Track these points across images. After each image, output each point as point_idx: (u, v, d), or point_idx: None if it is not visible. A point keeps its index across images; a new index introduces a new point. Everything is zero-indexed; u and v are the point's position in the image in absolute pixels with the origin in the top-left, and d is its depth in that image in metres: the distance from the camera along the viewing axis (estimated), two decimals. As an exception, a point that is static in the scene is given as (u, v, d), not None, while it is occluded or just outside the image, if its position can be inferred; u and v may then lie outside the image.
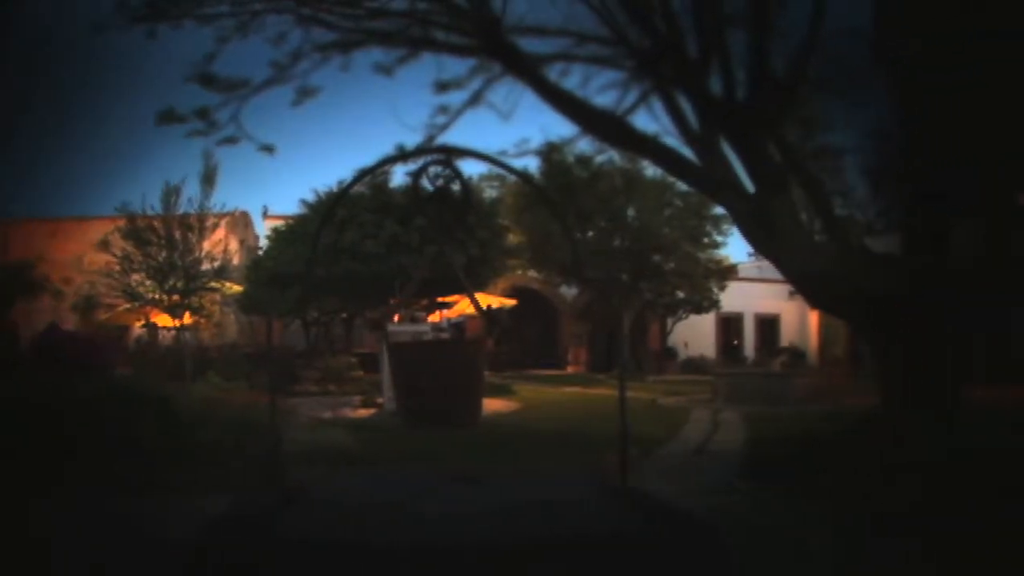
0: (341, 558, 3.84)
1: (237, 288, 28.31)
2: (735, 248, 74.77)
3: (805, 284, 11.40)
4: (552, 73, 11.19)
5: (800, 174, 12.66)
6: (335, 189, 24.00)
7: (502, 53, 10.75)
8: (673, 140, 11.55)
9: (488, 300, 23.10)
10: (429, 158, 8.00)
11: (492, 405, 18.13)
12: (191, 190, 24.81)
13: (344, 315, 30.34)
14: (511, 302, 27.72)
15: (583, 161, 30.80)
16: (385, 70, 11.39)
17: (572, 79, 11.61)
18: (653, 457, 10.54)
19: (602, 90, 11.83)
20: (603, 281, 31.41)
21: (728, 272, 36.67)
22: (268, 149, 11.55)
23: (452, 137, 12.17)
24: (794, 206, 11.46)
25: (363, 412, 16.93)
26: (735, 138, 10.79)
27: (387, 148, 16.55)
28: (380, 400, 17.12)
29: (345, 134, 76.01)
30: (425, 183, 7.97)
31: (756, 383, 20.21)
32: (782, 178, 11.03)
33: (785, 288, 32.31)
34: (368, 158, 9.43)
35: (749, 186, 10.95)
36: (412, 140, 16.65)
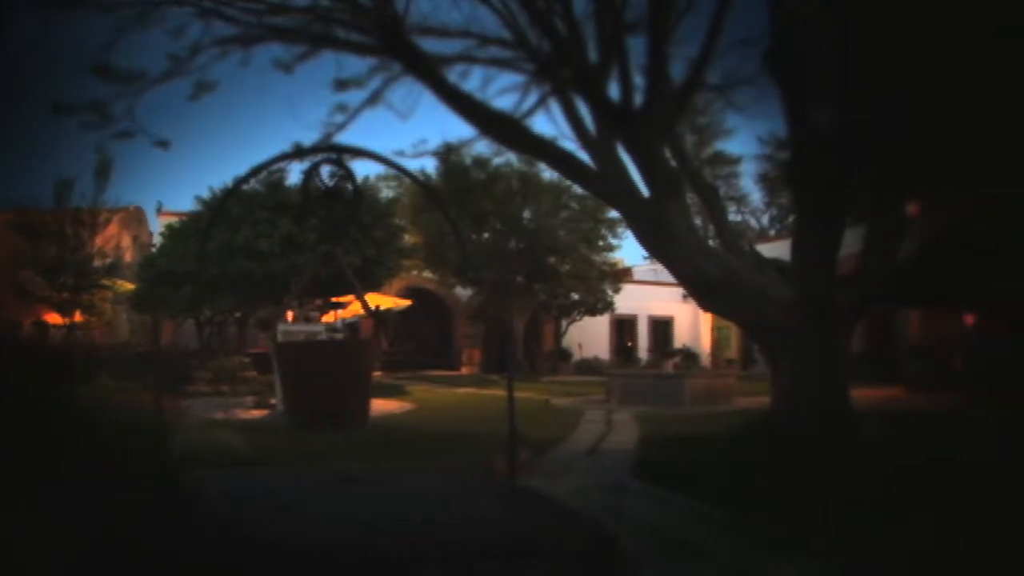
0: (233, 558, 3.80)
1: (129, 286, 27.74)
2: (630, 251, 75.62)
3: (697, 288, 11.57)
4: (452, 74, 11.21)
5: (695, 180, 12.88)
6: (231, 186, 23.70)
7: (403, 53, 10.71)
8: (570, 144, 11.66)
9: (382, 301, 23.01)
10: (320, 157, 7.94)
11: (386, 406, 18.06)
12: (84, 185, 24.27)
13: (238, 315, 29.92)
14: (406, 303, 27.64)
15: (480, 163, 30.90)
16: (284, 67, 11.28)
17: (472, 81, 11.65)
18: (546, 457, 10.57)
19: (501, 93, 11.88)
20: (494, 282, 31.50)
21: (622, 275, 37.08)
22: (163, 144, 11.33)
23: (352, 136, 12.05)
24: (688, 211, 11.63)
25: (256, 413, 16.72)
26: (631, 143, 10.91)
27: (286, 146, 16.37)
28: (273, 401, 16.92)
29: (244, 131, 74.99)
30: (322, 181, 7.90)
31: (649, 384, 20.40)
32: (677, 183, 11.19)
33: (679, 291, 32.78)
34: (267, 155, 9.34)
35: (644, 191, 11.07)
36: (310, 138, 16.48)
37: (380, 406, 17.44)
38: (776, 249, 16.00)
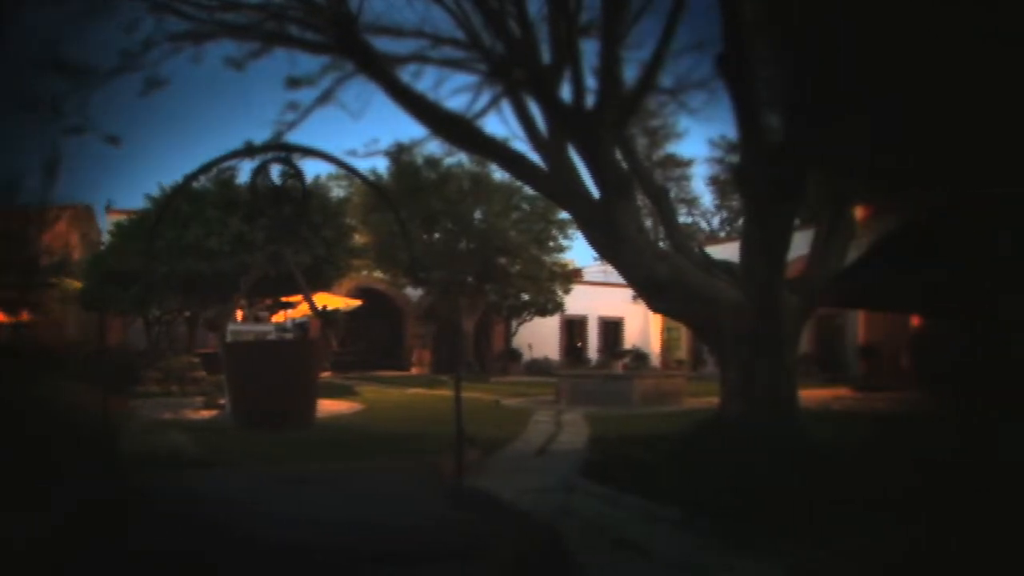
0: (188, 557, 3.78)
1: (77, 284, 27.41)
2: (580, 252, 75.82)
3: (646, 289, 11.62)
4: (405, 74, 11.19)
5: (645, 182, 12.94)
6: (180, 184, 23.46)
7: (356, 52, 10.66)
8: (522, 145, 11.68)
9: (332, 301, 22.92)
10: (269, 156, 7.89)
11: (335, 406, 17.99)
12: (32, 182, 23.91)
13: (187, 314, 29.67)
14: (356, 303, 27.56)
15: (432, 163, 30.84)
16: (236, 64, 11.18)
17: (425, 81, 11.64)
18: (495, 457, 10.58)
19: (454, 93, 11.90)
20: (445, 282, 31.47)
21: (573, 275, 37.15)
22: (113, 141, 11.17)
23: (303, 135, 11.95)
24: (638, 213, 11.68)
25: (205, 413, 16.59)
26: (582, 144, 10.94)
27: (237, 144, 16.24)
28: (222, 401, 16.80)
29: (195, 128, 74.20)
30: (271, 180, 7.85)
31: (599, 384, 20.46)
32: (627, 185, 11.24)
33: (629, 292, 32.94)
34: (218, 153, 9.24)
35: (595, 192, 11.12)
36: (262, 136, 16.39)
37: (329, 406, 17.37)
38: (726, 251, 16.12)
